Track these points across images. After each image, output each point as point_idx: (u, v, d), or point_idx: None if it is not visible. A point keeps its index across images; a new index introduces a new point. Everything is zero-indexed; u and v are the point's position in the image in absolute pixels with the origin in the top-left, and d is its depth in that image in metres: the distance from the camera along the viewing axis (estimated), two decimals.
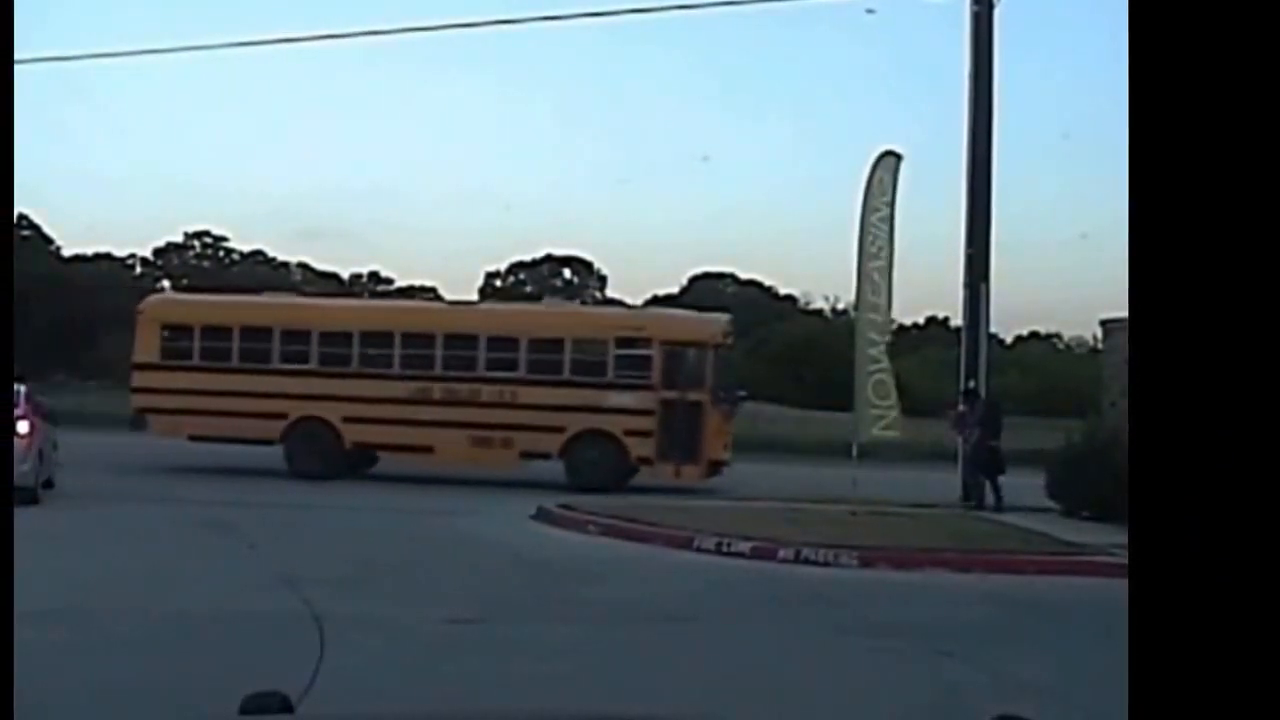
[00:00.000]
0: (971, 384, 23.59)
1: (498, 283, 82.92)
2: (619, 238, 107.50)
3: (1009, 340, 71.00)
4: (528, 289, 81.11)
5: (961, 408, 24.29)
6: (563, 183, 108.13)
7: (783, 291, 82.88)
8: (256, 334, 27.64)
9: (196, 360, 27.64)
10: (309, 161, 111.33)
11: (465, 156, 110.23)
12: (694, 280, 79.07)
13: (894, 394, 23.88)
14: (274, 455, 27.09)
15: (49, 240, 74.08)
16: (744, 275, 79.28)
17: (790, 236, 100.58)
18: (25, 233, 70.60)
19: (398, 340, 27.21)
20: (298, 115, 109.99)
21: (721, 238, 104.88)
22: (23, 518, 18.85)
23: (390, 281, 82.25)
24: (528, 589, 14.35)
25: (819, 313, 79.85)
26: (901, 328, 57.24)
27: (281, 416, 26.97)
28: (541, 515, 20.16)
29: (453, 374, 26.77)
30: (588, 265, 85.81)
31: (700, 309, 33.32)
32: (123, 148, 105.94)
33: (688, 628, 12.41)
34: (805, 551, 16.56)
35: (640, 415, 25.82)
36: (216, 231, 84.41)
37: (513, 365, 26.65)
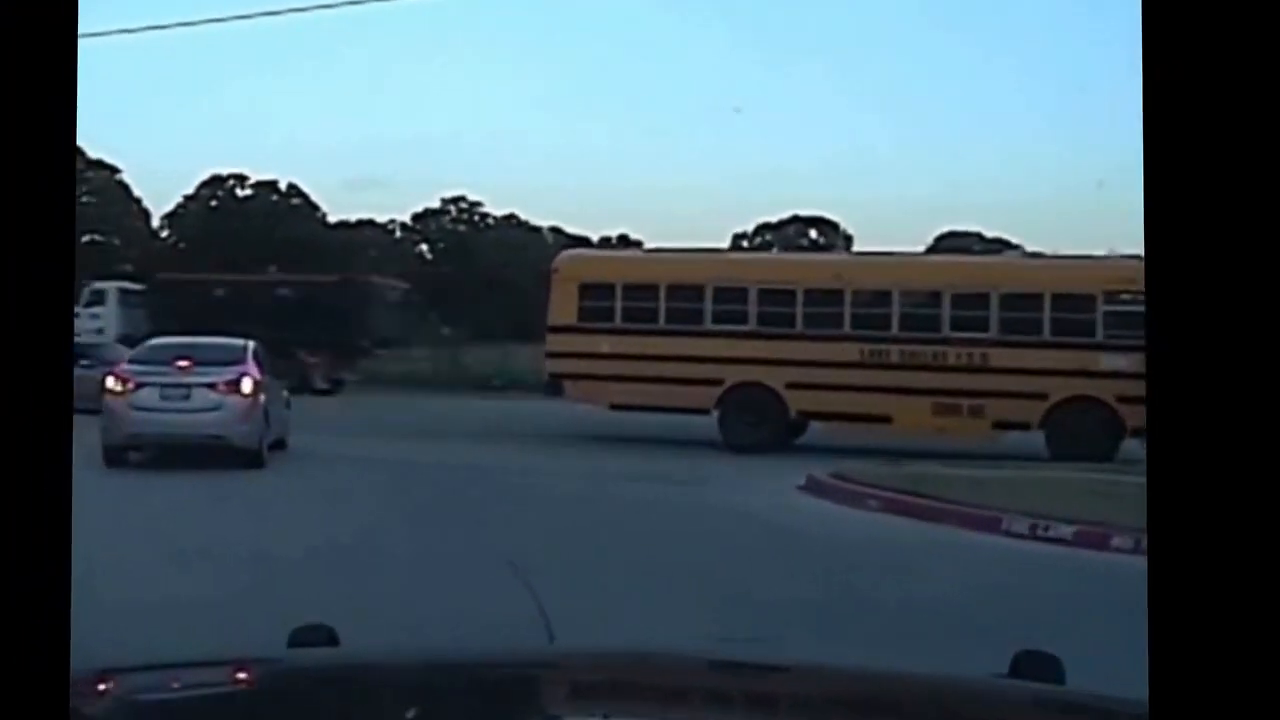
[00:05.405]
0: None
1: (744, 244, 79.60)
2: (863, 197, 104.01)
3: None
4: (774, 250, 77.67)
5: None
6: (809, 145, 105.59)
7: (1030, 248, 77.99)
8: (686, 292, 23.72)
9: (619, 322, 23.89)
10: (561, 128, 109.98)
11: (723, 120, 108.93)
12: (940, 239, 74.52)
13: None
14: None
15: (315, 207, 73.54)
16: (990, 233, 74.51)
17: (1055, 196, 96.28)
18: (294, 201, 70.30)
19: (848, 297, 23.14)
20: (549, 84, 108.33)
21: (971, 197, 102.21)
22: (235, 481, 16.59)
23: (639, 244, 79.48)
24: (810, 587, 10.41)
25: None
26: None
27: (717, 383, 23.15)
28: (811, 487, 16.46)
29: (913, 334, 22.72)
30: (834, 225, 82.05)
31: None
32: (382, 120, 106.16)
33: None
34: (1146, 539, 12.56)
35: (1137, 379, 21.29)
36: (472, 197, 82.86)
37: (983, 324, 22.36)
